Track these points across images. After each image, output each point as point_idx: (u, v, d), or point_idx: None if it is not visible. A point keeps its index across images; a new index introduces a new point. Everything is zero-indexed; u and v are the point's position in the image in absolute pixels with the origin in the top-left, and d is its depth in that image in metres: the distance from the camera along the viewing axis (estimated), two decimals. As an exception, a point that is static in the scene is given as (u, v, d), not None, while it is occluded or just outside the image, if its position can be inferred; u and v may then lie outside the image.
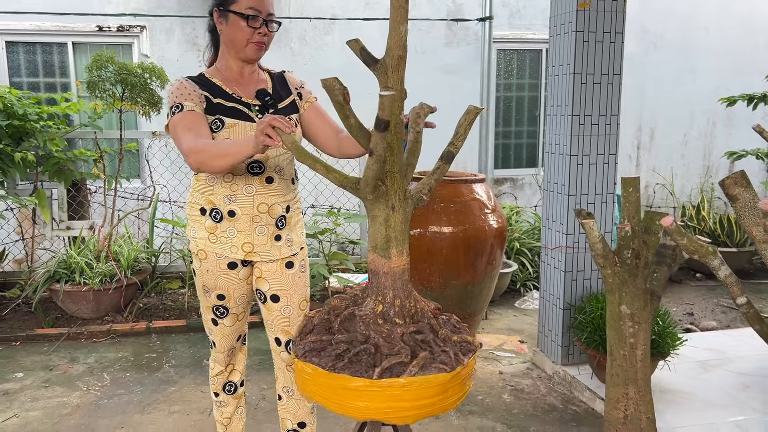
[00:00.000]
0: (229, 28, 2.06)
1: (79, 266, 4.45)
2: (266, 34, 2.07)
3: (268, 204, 2.11)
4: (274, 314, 2.23)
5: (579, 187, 3.41)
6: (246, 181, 2.08)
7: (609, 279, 2.18)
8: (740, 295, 1.83)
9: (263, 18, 2.04)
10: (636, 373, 2.17)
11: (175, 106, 2.02)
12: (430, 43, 6.38)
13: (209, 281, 2.16)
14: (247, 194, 2.08)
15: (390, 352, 1.62)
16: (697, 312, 4.87)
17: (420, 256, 3.79)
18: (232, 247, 2.11)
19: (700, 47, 6.95)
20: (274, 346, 2.30)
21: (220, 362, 2.37)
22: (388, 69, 1.59)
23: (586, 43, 3.31)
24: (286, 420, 2.40)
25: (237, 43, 2.06)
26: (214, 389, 2.43)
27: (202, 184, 2.13)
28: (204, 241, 2.13)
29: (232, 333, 2.30)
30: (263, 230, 2.12)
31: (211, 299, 2.21)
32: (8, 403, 3.34)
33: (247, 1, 2.01)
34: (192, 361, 3.90)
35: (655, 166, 7.07)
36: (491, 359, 3.92)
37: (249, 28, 2.03)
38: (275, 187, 2.12)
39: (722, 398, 3.18)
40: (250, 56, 2.09)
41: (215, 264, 2.13)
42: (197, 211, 2.15)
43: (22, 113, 4.41)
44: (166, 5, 5.87)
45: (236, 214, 2.09)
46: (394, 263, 1.69)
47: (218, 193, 2.09)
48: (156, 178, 5.70)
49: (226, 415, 2.45)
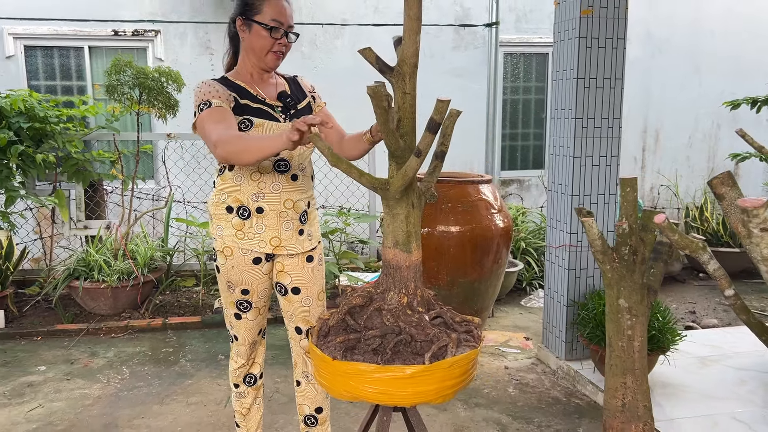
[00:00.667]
0: (251, 37, 2.18)
1: (98, 264, 4.59)
2: (285, 44, 2.21)
3: (293, 200, 2.24)
4: (294, 305, 2.36)
5: (582, 187, 3.53)
6: (273, 179, 2.20)
7: (608, 274, 2.30)
8: (728, 287, 1.94)
9: (284, 30, 2.18)
10: (633, 363, 2.28)
11: (203, 103, 2.11)
12: (438, 47, 6.51)
13: (234, 277, 2.28)
14: (274, 191, 2.21)
15: (426, 338, 1.75)
16: (699, 310, 4.97)
17: (428, 255, 3.91)
18: (261, 242, 2.23)
19: (705, 51, 7.04)
20: (294, 334, 2.42)
21: (242, 355, 2.47)
22: (405, 76, 1.72)
23: (589, 48, 3.42)
24: (304, 406, 2.52)
25: (258, 52, 2.19)
26: (234, 381, 2.53)
27: (228, 183, 2.23)
28: (231, 238, 2.24)
29: (254, 326, 2.41)
30: (289, 225, 2.25)
31: (235, 294, 2.32)
32: (33, 394, 3.48)
33: (270, 12, 2.14)
34: (207, 356, 4.04)
35: (660, 168, 7.16)
36: (497, 355, 4.04)
37: (271, 38, 2.16)
38: (299, 184, 2.26)
39: (720, 392, 3.29)
40: (270, 65, 2.22)
41: (241, 260, 2.25)
42: (223, 209, 2.25)
43: (43, 116, 4.56)
44: (180, 10, 6.02)
45: (264, 211, 2.21)
46: (414, 257, 1.83)
47: (245, 191, 2.20)
48: (171, 179, 5.85)
49: (246, 405, 2.57)
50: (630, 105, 6.86)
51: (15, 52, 5.82)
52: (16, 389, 3.55)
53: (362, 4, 6.33)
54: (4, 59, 5.79)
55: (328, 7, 6.29)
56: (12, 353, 4.08)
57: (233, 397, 2.58)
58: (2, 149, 4.36)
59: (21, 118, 4.44)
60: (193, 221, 5.03)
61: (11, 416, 3.22)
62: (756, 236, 1.75)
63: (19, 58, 5.85)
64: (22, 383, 3.63)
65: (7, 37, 5.76)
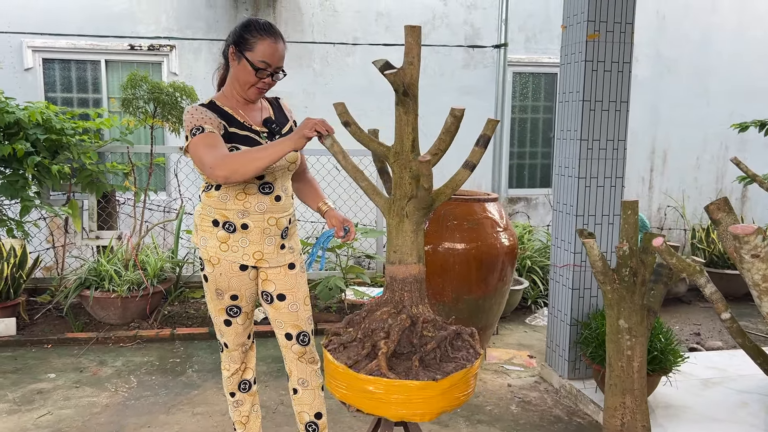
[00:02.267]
0: (239, 69, 2.26)
1: (109, 274, 4.67)
2: (269, 83, 2.30)
3: (276, 218, 2.36)
4: (282, 312, 2.45)
5: (586, 208, 3.57)
6: (258, 199, 2.31)
7: (608, 295, 2.34)
8: (724, 311, 1.98)
9: (270, 71, 2.26)
10: (633, 383, 2.32)
11: (195, 128, 2.18)
12: (448, 65, 6.60)
13: (222, 284, 2.37)
14: (259, 211, 2.32)
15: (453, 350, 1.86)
16: (704, 332, 4.98)
17: (433, 271, 3.96)
18: (244, 255, 2.34)
19: (714, 72, 7.10)
20: (284, 341, 2.48)
21: (235, 361, 2.55)
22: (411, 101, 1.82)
23: (595, 72, 3.48)
24: (303, 414, 2.55)
25: (242, 84, 2.28)
26: (230, 390, 2.59)
27: (214, 200, 2.33)
28: (215, 249, 2.33)
29: (243, 331, 2.51)
30: (271, 240, 2.37)
31: (224, 300, 2.41)
32: (42, 401, 3.54)
33: (261, 53, 2.22)
34: (214, 367, 4.09)
35: (667, 189, 7.19)
36: (500, 372, 4.06)
37: (255, 77, 2.25)
38: (282, 204, 2.38)
39: (722, 414, 3.30)
40: (250, 97, 2.32)
41: (228, 267, 2.35)
42: (209, 222, 2.35)
43: (60, 128, 4.67)
44: (195, 26, 6.15)
45: (249, 227, 2.32)
46: (422, 266, 1.94)
47: (231, 209, 2.30)
48: (182, 192, 5.94)
49: (244, 413, 2.62)
50: (638, 125, 6.92)
51: (33, 65, 5.96)
52: (26, 396, 3.61)
53: (373, 22, 6.44)
54: (23, 71, 5.93)
55: (340, 25, 6.40)
56: (23, 360, 4.16)
57: (231, 407, 2.63)
58: (19, 160, 4.46)
59: (38, 129, 4.54)
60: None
61: (21, 422, 3.28)
62: (747, 262, 1.80)
63: (37, 70, 5.99)
64: (32, 390, 3.69)
65: (26, 49, 5.89)
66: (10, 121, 4.32)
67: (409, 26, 1.75)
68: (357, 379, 1.74)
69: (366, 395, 1.74)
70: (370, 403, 1.74)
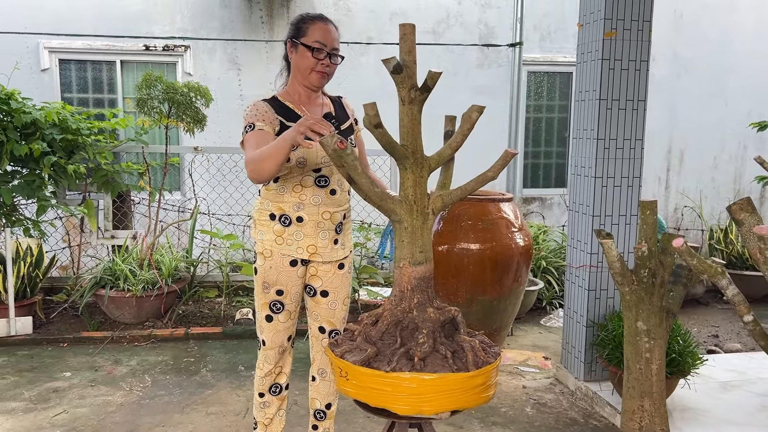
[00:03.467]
0: (297, 57, 2.37)
1: (124, 273, 4.69)
2: (329, 65, 2.36)
3: (331, 212, 2.41)
4: (321, 307, 2.52)
5: (603, 208, 3.53)
6: (314, 192, 2.37)
7: (626, 296, 2.31)
8: (747, 313, 1.94)
9: (327, 51, 2.34)
10: (651, 386, 2.28)
11: (248, 125, 2.29)
12: (462, 65, 6.57)
13: (271, 277, 2.41)
14: (314, 203, 2.37)
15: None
16: (723, 334, 4.91)
17: (448, 272, 3.94)
18: (298, 248, 2.39)
19: (732, 71, 7.00)
20: (316, 332, 2.57)
21: (270, 361, 2.54)
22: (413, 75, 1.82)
23: (612, 70, 3.44)
24: (316, 400, 2.66)
25: (303, 71, 2.36)
26: (259, 390, 2.59)
27: (272, 193, 2.40)
28: (271, 242, 2.39)
29: (284, 330, 2.51)
30: (325, 234, 2.41)
31: (269, 295, 2.44)
32: (58, 400, 3.56)
33: (315, 35, 2.32)
34: (228, 366, 4.09)
35: (684, 189, 7.11)
36: (515, 374, 4.03)
37: (314, 58, 2.33)
38: (337, 198, 2.42)
39: (740, 417, 3.25)
40: (314, 84, 2.38)
41: (279, 261, 2.40)
42: (266, 216, 2.41)
43: (75, 128, 4.69)
44: (210, 26, 6.16)
45: (304, 220, 2.37)
46: (430, 266, 1.93)
47: (288, 201, 2.37)
48: (196, 191, 5.95)
49: (269, 415, 2.61)
50: (655, 125, 6.84)
51: (50, 65, 6.00)
52: (42, 394, 3.63)
53: (387, 22, 6.42)
54: (40, 72, 5.97)
55: (353, 25, 6.39)
56: (39, 359, 4.18)
57: (256, 407, 2.62)
58: (36, 160, 4.49)
59: (54, 129, 4.57)
60: (217, 233, 5.11)
61: (37, 421, 3.30)
62: (773, 263, 1.76)
63: (53, 71, 6.03)
64: (48, 389, 3.71)
65: (43, 50, 5.94)
66: (27, 121, 4.35)
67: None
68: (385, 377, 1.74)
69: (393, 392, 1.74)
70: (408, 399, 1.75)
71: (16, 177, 4.53)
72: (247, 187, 6.08)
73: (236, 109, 6.21)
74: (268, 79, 6.17)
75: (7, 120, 4.43)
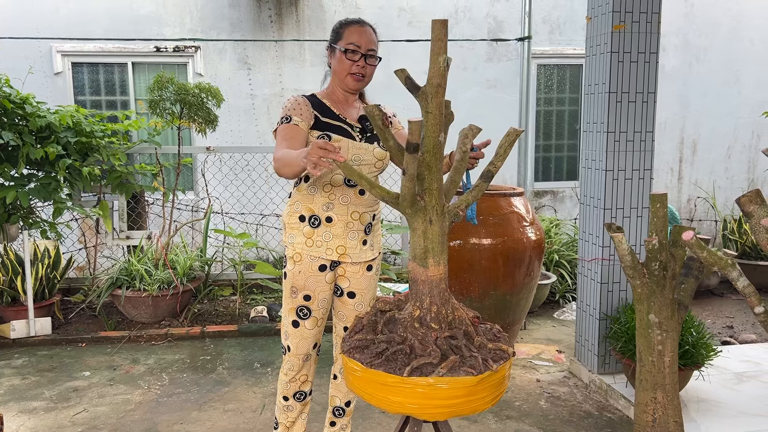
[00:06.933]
0: (334, 62, 2.41)
1: (139, 273, 4.75)
2: (364, 65, 2.37)
3: (360, 212, 2.42)
4: (347, 307, 2.54)
5: (614, 201, 3.53)
6: (343, 192, 2.38)
7: (638, 289, 2.31)
8: (758, 304, 1.95)
9: (362, 53, 2.35)
10: (664, 378, 2.29)
11: (284, 117, 2.32)
12: (472, 59, 6.56)
13: (299, 282, 2.42)
14: (343, 203, 2.38)
15: (422, 353, 1.79)
16: (737, 325, 4.89)
17: (460, 267, 3.95)
18: (327, 249, 2.39)
19: (745, 60, 6.94)
20: (341, 332, 2.60)
21: (294, 368, 2.53)
22: (428, 96, 1.78)
23: (621, 63, 3.43)
24: (336, 398, 2.70)
25: (339, 74, 2.39)
26: (284, 393, 2.58)
27: (303, 194, 2.42)
28: (301, 245, 2.40)
29: (310, 337, 2.49)
30: (354, 235, 2.42)
31: (297, 299, 2.44)
32: (78, 399, 3.63)
33: (349, 38, 2.35)
34: (244, 364, 4.14)
35: (697, 179, 7.06)
36: (529, 368, 4.04)
37: (348, 61, 2.34)
38: (366, 199, 2.43)
39: (756, 408, 3.24)
40: (350, 86, 2.40)
41: (308, 266, 2.40)
42: (296, 219, 2.42)
43: (89, 131, 4.75)
44: (220, 27, 6.20)
45: (333, 220, 2.38)
46: (431, 272, 1.87)
47: (318, 201, 2.38)
48: (209, 191, 6.01)
49: (291, 418, 2.62)
50: (667, 115, 6.80)
51: (63, 69, 6.07)
52: (62, 394, 3.70)
53: (396, 18, 6.42)
54: (53, 75, 6.04)
55: (362, 22, 6.39)
56: (58, 359, 4.25)
57: (279, 408, 2.62)
58: (51, 163, 4.56)
59: (69, 132, 4.63)
60: (230, 232, 5.16)
61: (58, 420, 3.36)
62: (785, 254, 1.76)
63: (66, 74, 6.10)
64: (68, 388, 3.78)
65: (55, 54, 6.01)
66: (41, 125, 4.41)
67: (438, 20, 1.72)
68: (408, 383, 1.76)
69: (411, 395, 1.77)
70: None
71: (33, 180, 4.60)
72: (259, 186, 6.13)
73: (247, 109, 6.25)
74: (277, 78, 6.21)
75: (23, 124, 4.50)
